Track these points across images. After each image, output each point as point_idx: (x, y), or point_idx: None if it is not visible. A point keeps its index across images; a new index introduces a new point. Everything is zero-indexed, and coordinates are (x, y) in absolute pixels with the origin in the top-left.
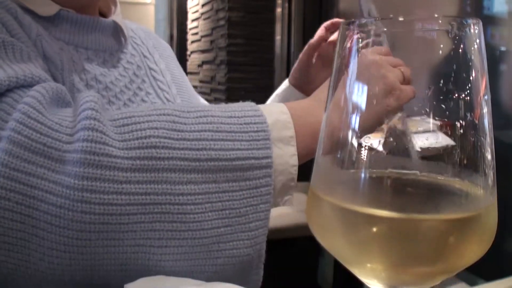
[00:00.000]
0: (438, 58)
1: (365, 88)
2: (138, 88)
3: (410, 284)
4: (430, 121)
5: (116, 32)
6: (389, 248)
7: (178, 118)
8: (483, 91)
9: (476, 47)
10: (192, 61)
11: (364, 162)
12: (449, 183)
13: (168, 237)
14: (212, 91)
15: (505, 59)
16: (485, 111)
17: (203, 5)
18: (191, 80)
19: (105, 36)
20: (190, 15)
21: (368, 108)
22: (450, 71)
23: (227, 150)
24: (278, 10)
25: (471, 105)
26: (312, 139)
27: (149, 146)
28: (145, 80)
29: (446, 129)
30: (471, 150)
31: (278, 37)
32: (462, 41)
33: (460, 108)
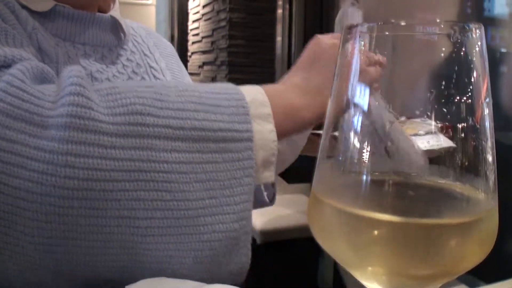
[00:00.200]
0: (440, 61)
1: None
2: None
3: (411, 287)
4: (432, 123)
5: (115, 27)
6: (390, 252)
7: (161, 90)
8: (484, 94)
9: (478, 49)
10: (193, 62)
11: (366, 165)
12: (451, 186)
13: (153, 208)
14: None
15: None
16: (486, 114)
17: (204, 6)
18: (192, 81)
19: (103, 31)
20: (191, 16)
21: (327, 92)
22: (452, 74)
23: (210, 121)
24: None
25: (472, 108)
26: (285, 120)
27: (134, 112)
28: (144, 78)
29: (447, 132)
30: (472, 154)
31: (279, 38)
32: (463, 45)
33: (461, 111)
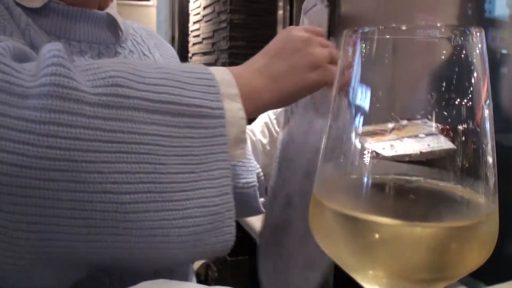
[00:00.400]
0: (441, 64)
1: (287, 59)
2: None
3: None
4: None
5: (113, 25)
6: (391, 255)
7: (137, 67)
8: (485, 97)
9: (478, 52)
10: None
11: (367, 168)
12: (451, 189)
13: (137, 181)
14: None
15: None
16: (487, 117)
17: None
18: None
19: (99, 28)
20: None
21: (288, 79)
22: (452, 77)
23: (185, 97)
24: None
25: (473, 111)
26: (245, 100)
27: (114, 84)
28: None
29: (448, 134)
30: (473, 156)
31: None
32: (464, 48)
33: (461, 114)
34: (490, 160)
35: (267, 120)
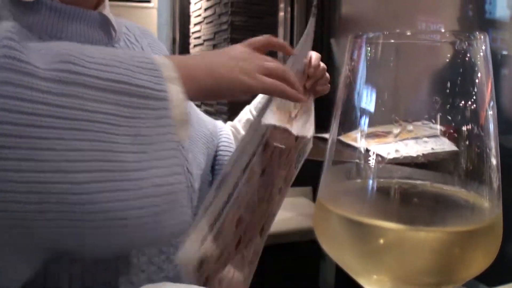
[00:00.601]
0: (445, 67)
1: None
2: None
3: None
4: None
5: (106, 25)
6: (396, 259)
7: (85, 48)
8: (488, 99)
9: (482, 55)
10: None
11: (371, 172)
12: (455, 194)
13: (91, 159)
14: None
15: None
16: (490, 120)
17: (205, 9)
18: None
19: (92, 28)
20: (193, 19)
21: (223, 69)
22: (456, 80)
23: (132, 78)
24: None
25: (477, 114)
26: (184, 84)
27: (65, 61)
28: None
29: (451, 136)
30: (476, 158)
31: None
32: (468, 52)
33: (465, 117)
34: (494, 163)
35: (250, 116)
